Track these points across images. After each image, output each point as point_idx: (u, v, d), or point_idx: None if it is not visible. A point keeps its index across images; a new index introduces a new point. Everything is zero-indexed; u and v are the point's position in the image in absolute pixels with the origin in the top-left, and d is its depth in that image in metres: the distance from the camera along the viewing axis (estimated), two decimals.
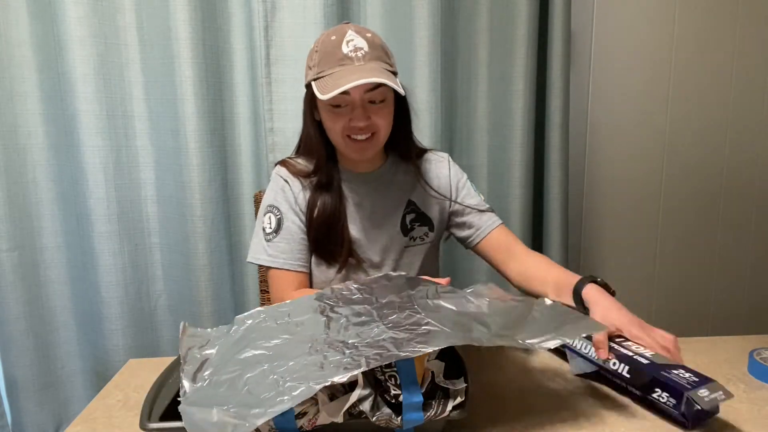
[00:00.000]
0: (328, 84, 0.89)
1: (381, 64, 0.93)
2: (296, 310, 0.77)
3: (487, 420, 0.74)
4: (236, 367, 0.65)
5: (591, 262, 1.86)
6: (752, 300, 1.94)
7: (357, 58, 0.91)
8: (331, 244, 1.04)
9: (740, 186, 1.86)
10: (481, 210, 1.10)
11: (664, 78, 1.77)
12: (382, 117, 0.97)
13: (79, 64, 1.34)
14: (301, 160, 1.08)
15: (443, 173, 1.12)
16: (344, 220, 1.04)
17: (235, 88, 1.47)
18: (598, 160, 1.80)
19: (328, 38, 0.94)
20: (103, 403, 0.81)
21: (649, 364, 0.76)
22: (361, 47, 0.92)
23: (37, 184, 1.45)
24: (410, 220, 1.09)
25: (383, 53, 0.95)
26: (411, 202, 1.09)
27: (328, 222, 1.03)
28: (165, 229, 1.49)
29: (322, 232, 1.03)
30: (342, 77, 0.89)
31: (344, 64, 0.91)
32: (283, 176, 1.06)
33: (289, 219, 1.04)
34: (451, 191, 1.11)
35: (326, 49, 0.93)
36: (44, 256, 1.47)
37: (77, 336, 1.52)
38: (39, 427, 1.50)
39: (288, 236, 1.03)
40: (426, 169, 1.11)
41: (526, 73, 1.50)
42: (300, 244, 1.04)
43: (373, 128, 0.96)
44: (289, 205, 1.04)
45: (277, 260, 1.02)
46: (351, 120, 0.94)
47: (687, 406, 0.69)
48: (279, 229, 1.03)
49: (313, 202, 1.04)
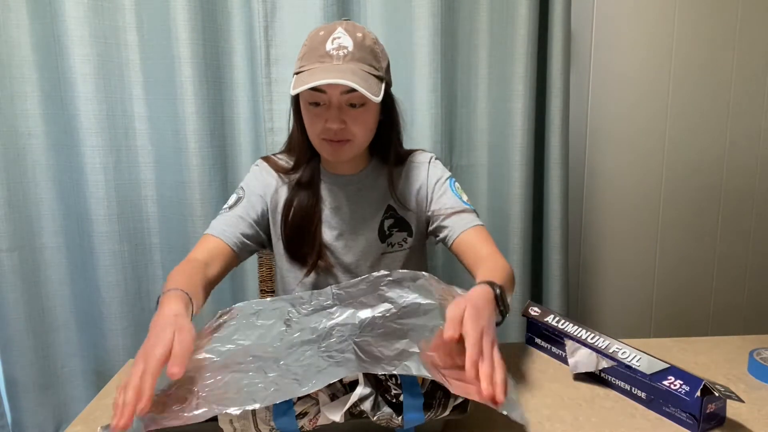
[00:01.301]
0: (302, 80, 0.87)
1: (362, 66, 0.89)
2: (266, 311, 0.82)
3: (487, 420, 0.74)
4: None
5: (591, 262, 1.86)
6: (752, 300, 1.94)
7: (337, 57, 0.88)
8: (304, 245, 1.02)
9: (740, 186, 1.86)
10: (456, 211, 1.02)
11: (664, 78, 1.77)
12: (360, 123, 0.93)
13: (79, 64, 1.34)
14: (284, 157, 1.08)
15: (422, 175, 1.07)
16: (318, 222, 1.03)
17: (235, 88, 1.47)
18: (598, 160, 1.80)
19: (317, 33, 0.92)
20: (103, 403, 0.81)
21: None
22: (346, 46, 0.89)
23: (37, 184, 1.45)
24: (388, 226, 1.06)
25: (370, 55, 0.91)
26: (390, 207, 1.06)
27: (301, 223, 1.02)
28: (165, 229, 1.49)
29: (294, 232, 1.02)
30: (314, 74, 0.86)
31: (323, 62, 0.88)
32: (263, 169, 1.07)
33: (250, 202, 1.03)
34: (428, 194, 1.06)
35: (312, 44, 0.91)
36: (44, 256, 1.47)
37: (77, 336, 1.52)
38: (39, 427, 1.50)
39: (241, 214, 1.01)
40: (406, 174, 1.07)
41: (526, 73, 1.50)
42: (247, 228, 1.01)
43: (347, 134, 0.93)
44: (255, 192, 1.04)
45: (217, 228, 0.99)
46: (326, 121, 0.91)
47: (703, 393, 0.69)
48: (234, 206, 1.02)
49: (290, 201, 1.03)
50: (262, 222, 1.05)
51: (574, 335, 0.89)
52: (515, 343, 1.01)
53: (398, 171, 1.08)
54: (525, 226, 1.57)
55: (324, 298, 0.85)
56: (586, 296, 1.88)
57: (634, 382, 0.78)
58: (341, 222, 1.04)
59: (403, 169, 1.08)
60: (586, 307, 1.89)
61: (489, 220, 1.62)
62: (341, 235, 1.05)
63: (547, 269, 1.63)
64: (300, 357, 0.69)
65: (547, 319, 0.95)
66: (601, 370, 0.83)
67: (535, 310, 0.99)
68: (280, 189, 1.05)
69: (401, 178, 1.07)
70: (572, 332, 0.90)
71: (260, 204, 1.04)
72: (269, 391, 0.63)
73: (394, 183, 1.05)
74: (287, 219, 1.03)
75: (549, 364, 0.92)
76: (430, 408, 0.65)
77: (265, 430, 0.64)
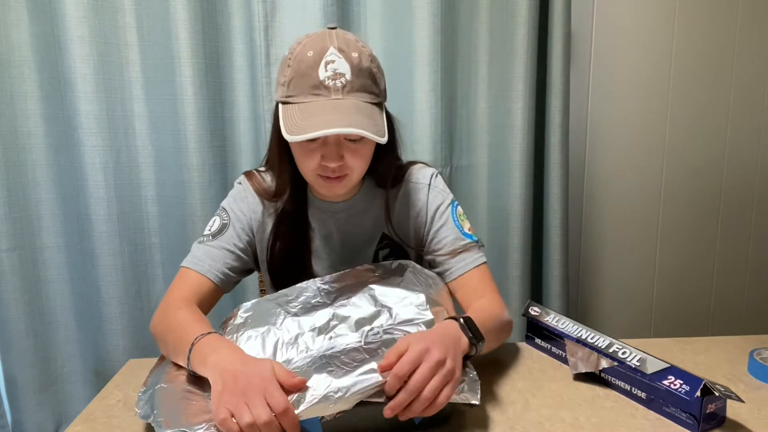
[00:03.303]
0: (296, 118, 0.77)
1: (363, 96, 0.80)
2: (255, 316, 0.80)
3: (487, 420, 0.74)
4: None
5: (591, 262, 1.86)
6: (752, 300, 1.94)
7: (335, 89, 0.78)
8: (293, 279, 0.91)
9: (740, 186, 1.86)
10: (456, 251, 0.94)
11: (664, 78, 1.77)
12: (359, 158, 0.85)
13: (79, 64, 1.34)
14: (269, 176, 0.97)
15: (421, 200, 0.97)
16: (308, 255, 0.96)
17: (235, 88, 1.47)
18: (598, 160, 1.80)
19: (304, 52, 0.79)
20: (103, 403, 0.81)
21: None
22: (343, 73, 0.78)
23: (37, 184, 1.45)
24: (384, 257, 0.98)
25: (369, 80, 0.82)
26: (385, 236, 0.97)
27: (291, 256, 0.94)
28: (165, 229, 1.49)
29: (283, 266, 0.95)
30: (313, 114, 0.76)
31: (319, 94, 0.78)
32: (248, 190, 0.97)
33: (236, 230, 0.94)
34: (427, 221, 0.97)
35: (300, 69, 0.79)
36: (44, 256, 1.47)
37: (77, 336, 1.52)
38: (39, 427, 1.50)
39: (226, 245, 0.92)
40: (404, 197, 0.98)
41: (526, 73, 1.50)
42: (234, 261, 0.93)
43: (345, 170, 0.84)
44: (240, 220, 0.95)
45: (202, 264, 0.90)
46: (323, 157, 0.82)
47: (703, 393, 0.69)
48: (219, 235, 0.93)
49: (275, 231, 0.94)
50: (248, 250, 0.96)
51: (574, 335, 0.89)
52: (515, 343, 1.01)
53: (394, 192, 0.98)
54: (525, 226, 1.57)
55: (311, 294, 0.82)
56: (586, 296, 1.88)
57: (634, 382, 0.78)
58: (332, 252, 0.97)
59: (399, 192, 0.98)
60: (586, 307, 1.89)
61: (489, 220, 1.62)
62: (332, 267, 0.97)
63: (547, 269, 1.63)
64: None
65: (547, 319, 0.95)
66: (601, 370, 0.83)
67: (535, 310, 0.99)
68: (267, 216, 0.96)
69: (397, 201, 0.98)
70: (572, 332, 0.90)
71: (246, 231, 0.95)
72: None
73: (390, 213, 0.96)
74: (274, 251, 0.95)
75: (549, 364, 0.92)
76: None
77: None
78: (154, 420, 0.65)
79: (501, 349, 0.93)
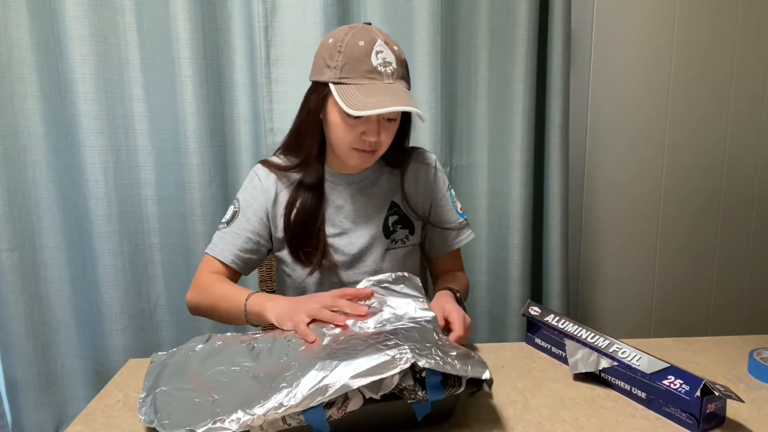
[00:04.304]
0: (356, 96, 0.87)
1: (404, 83, 0.93)
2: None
3: (487, 420, 0.74)
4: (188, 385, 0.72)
5: (591, 262, 1.86)
6: (752, 300, 1.94)
7: (386, 75, 0.90)
8: (307, 245, 1.03)
9: (740, 186, 1.86)
10: (451, 227, 1.12)
11: (664, 78, 1.77)
12: (390, 135, 0.97)
13: (79, 64, 1.34)
14: (282, 159, 1.07)
15: (430, 178, 1.11)
16: (322, 222, 1.04)
17: (235, 88, 1.47)
18: (598, 160, 1.80)
19: (354, 41, 0.89)
20: (103, 403, 0.81)
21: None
22: (390, 62, 0.90)
23: (37, 184, 1.45)
24: (393, 222, 1.08)
25: (406, 69, 0.95)
26: (394, 204, 1.08)
27: (305, 222, 1.02)
28: (165, 229, 1.49)
29: (298, 232, 1.03)
30: (372, 95, 0.87)
31: (373, 78, 0.89)
32: (260, 176, 1.06)
33: (246, 215, 1.03)
34: (434, 199, 1.11)
35: (353, 54, 0.89)
36: (44, 256, 1.47)
37: (77, 336, 1.52)
38: (39, 427, 1.50)
39: (237, 231, 1.03)
40: (414, 174, 1.10)
41: (526, 73, 1.50)
42: (245, 243, 1.03)
43: (378, 144, 0.96)
44: (251, 205, 1.04)
45: (216, 248, 1.02)
46: (363, 133, 0.93)
47: (703, 393, 0.69)
48: (231, 221, 1.04)
49: (292, 201, 1.03)
50: (263, 233, 1.05)
51: (574, 335, 0.89)
52: (515, 343, 1.01)
53: (404, 169, 1.10)
54: (525, 226, 1.57)
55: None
56: (586, 296, 1.88)
57: (634, 382, 0.78)
58: (344, 219, 1.05)
59: (408, 168, 1.10)
60: (586, 307, 1.89)
61: (489, 220, 1.62)
62: (344, 232, 1.05)
63: (547, 269, 1.63)
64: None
65: (547, 319, 0.95)
66: (601, 370, 0.83)
67: (535, 310, 0.99)
68: (281, 194, 1.05)
69: (406, 177, 1.09)
70: (572, 332, 0.90)
71: (259, 215, 1.04)
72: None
73: (403, 185, 1.08)
74: (290, 219, 1.03)
75: (549, 364, 0.92)
76: (446, 385, 0.68)
77: (294, 421, 0.64)
78: (159, 423, 0.66)
79: (501, 349, 0.95)
